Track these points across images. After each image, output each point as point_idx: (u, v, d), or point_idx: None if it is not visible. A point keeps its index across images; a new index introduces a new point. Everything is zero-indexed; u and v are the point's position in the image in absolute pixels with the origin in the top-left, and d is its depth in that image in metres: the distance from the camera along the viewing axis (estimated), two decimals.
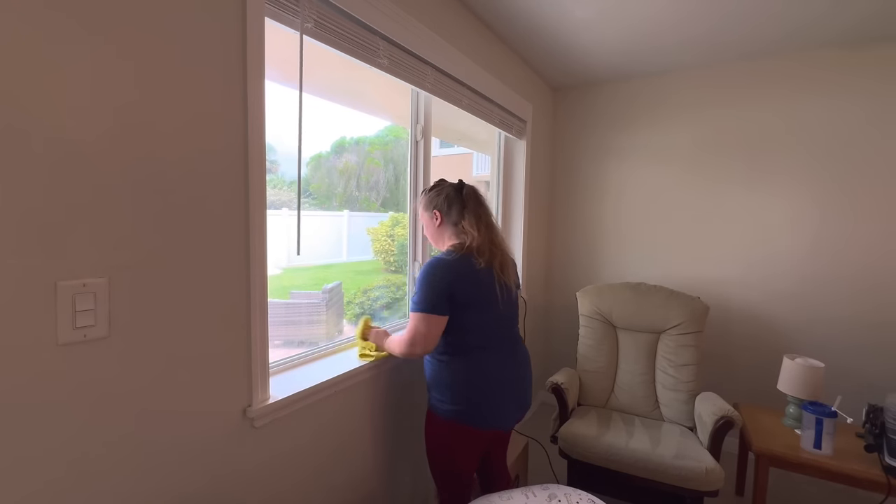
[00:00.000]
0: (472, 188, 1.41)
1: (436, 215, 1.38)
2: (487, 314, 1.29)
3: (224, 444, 1.01)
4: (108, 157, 0.78)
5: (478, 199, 1.39)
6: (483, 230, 1.33)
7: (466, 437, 1.28)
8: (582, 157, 2.93)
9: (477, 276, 1.26)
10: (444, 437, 1.29)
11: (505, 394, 1.30)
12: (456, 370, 1.27)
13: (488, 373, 1.27)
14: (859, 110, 2.17)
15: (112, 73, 0.77)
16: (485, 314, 1.28)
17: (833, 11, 1.86)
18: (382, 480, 1.54)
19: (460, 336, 1.26)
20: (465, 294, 1.23)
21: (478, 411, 1.26)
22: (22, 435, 0.71)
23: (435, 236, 1.42)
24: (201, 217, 0.93)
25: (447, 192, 1.39)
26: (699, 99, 2.53)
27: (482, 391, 1.26)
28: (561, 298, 3.03)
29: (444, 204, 1.37)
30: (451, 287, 1.22)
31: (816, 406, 1.68)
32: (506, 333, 1.35)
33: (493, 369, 1.28)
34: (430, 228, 1.42)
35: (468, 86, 1.90)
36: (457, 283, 1.23)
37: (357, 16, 1.28)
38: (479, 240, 1.30)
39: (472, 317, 1.25)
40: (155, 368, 0.87)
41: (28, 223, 0.70)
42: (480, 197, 1.40)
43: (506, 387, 1.31)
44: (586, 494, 1.16)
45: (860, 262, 2.19)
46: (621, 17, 1.95)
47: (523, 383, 1.37)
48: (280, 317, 1.50)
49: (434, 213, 1.39)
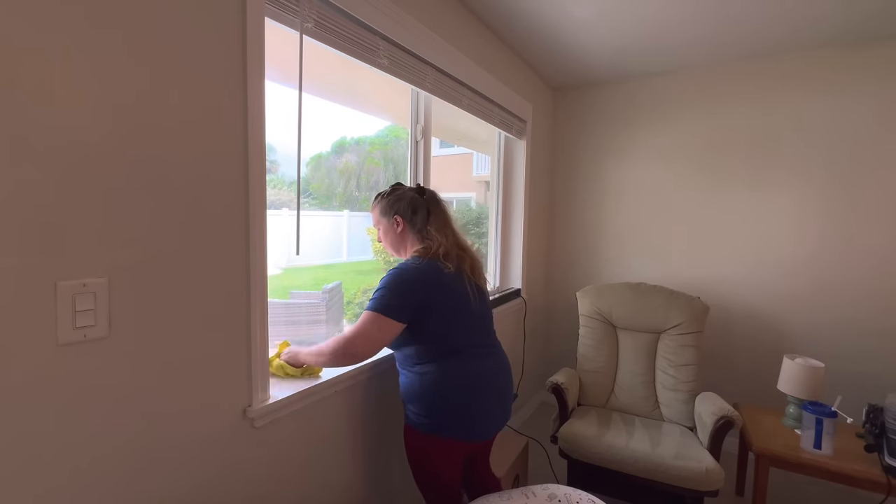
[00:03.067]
0: (433, 193, 1.36)
1: (397, 221, 1.31)
2: (463, 318, 1.24)
3: (224, 444, 1.01)
4: (108, 156, 0.78)
5: (440, 204, 1.34)
6: (450, 235, 1.30)
7: (449, 450, 1.21)
8: (582, 157, 2.93)
9: (447, 280, 1.21)
10: (426, 452, 1.23)
11: (488, 400, 1.24)
12: (434, 380, 1.19)
13: (470, 379, 1.21)
14: (863, 110, 2.16)
15: (112, 72, 0.77)
16: (460, 318, 1.23)
17: (835, 11, 1.86)
18: (382, 481, 1.54)
19: (437, 344, 1.20)
20: (438, 300, 1.19)
21: (461, 423, 1.20)
22: (22, 435, 0.71)
23: (395, 244, 1.34)
24: (201, 217, 0.93)
25: (410, 197, 1.32)
26: (700, 98, 2.53)
27: (464, 400, 1.19)
28: (561, 298, 3.03)
29: (408, 209, 1.30)
30: (422, 294, 1.17)
31: (816, 406, 1.68)
32: (483, 337, 1.30)
33: (474, 375, 1.22)
34: (390, 236, 1.34)
35: (468, 86, 1.90)
36: (429, 290, 1.18)
37: (357, 16, 1.28)
38: (446, 245, 1.26)
39: (446, 322, 1.20)
40: (155, 368, 0.87)
41: (28, 223, 0.70)
42: (442, 201, 1.36)
43: (489, 393, 1.24)
44: (586, 494, 1.16)
45: (862, 263, 2.19)
46: (620, 17, 1.95)
47: (506, 387, 1.32)
48: (280, 317, 1.50)
49: (395, 220, 1.31)
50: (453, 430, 1.20)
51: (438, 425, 1.19)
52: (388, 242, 1.36)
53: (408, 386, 1.24)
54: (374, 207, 1.38)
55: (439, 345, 1.20)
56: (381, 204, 1.35)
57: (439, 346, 1.20)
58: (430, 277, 1.19)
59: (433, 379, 1.19)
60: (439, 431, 1.19)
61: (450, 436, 1.19)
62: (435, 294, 1.19)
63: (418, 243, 1.29)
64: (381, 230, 1.36)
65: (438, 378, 1.19)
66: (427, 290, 1.18)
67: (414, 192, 1.34)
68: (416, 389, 1.21)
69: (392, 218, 1.32)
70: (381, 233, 1.37)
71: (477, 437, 1.24)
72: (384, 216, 1.34)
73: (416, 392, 1.21)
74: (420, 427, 1.21)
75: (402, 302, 1.15)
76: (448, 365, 1.20)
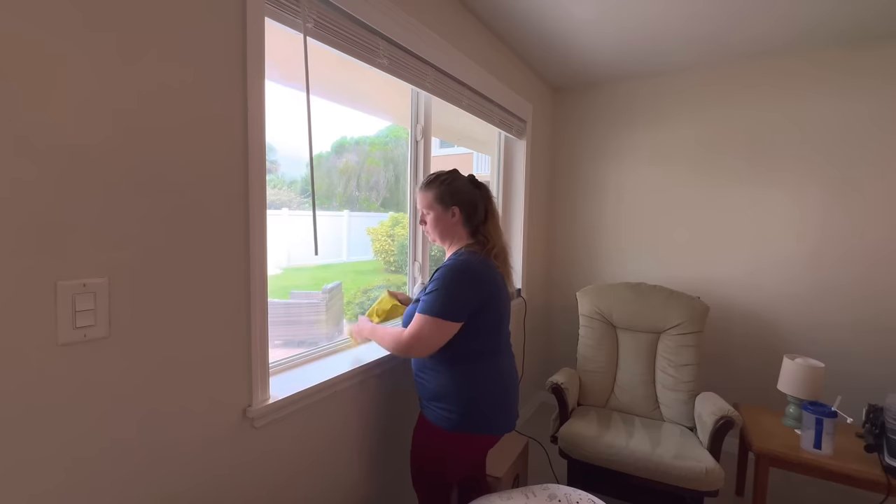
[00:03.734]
0: (487, 189, 1.35)
1: (454, 212, 1.28)
2: (506, 318, 1.29)
3: (224, 444, 1.01)
4: (109, 157, 0.78)
5: (494, 203, 1.35)
6: (501, 236, 1.32)
7: (473, 446, 1.24)
8: (582, 157, 2.93)
9: (499, 279, 1.25)
10: (448, 450, 1.23)
11: (512, 395, 1.29)
12: (476, 378, 1.20)
13: (503, 375, 1.26)
14: (864, 110, 2.16)
15: (112, 73, 0.77)
16: (501, 318, 1.27)
17: (837, 11, 1.86)
18: (382, 481, 1.54)
19: (486, 341, 1.22)
20: (491, 300, 1.20)
21: (495, 417, 1.22)
22: (22, 435, 0.71)
23: (444, 233, 1.30)
24: (201, 217, 0.93)
25: (469, 191, 1.30)
26: (701, 98, 2.53)
27: (498, 396, 1.23)
28: (561, 298, 3.03)
29: (468, 203, 1.29)
30: (480, 294, 1.18)
31: (816, 406, 1.68)
32: (508, 337, 1.35)
33: (506, 372, 1.27)
34: (443, 223, 1.29)
35: (468, 86, 1.90)
36: (488, 289, 1.20)
37: (357, 16, 1.28)
38: (498, 246, 1.28)
39: (496, 322, 1.23)
40: (155, 368, 0.87)
41: (28, 223, 0.70)
42: (494, 199, 1.37)
43: (514, 388, 1.30)
44: (586, 494, 1.16)
45: (862, 263, 2.19)
46: (620, 17, 1.95)
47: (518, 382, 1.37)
48: (280, 317, 1.50)
49: (452, 210, 1.27)
50: (486, 426, 1.22)
51: (475, 421, 1.19)
52: (437, 229, 1.30)
53: (442, 384, 1.21)
54: (426, 190, 1.31)
55: (486, 343, 1.22)
56: (438, 189, 1.28)
57: (485, 344, 1.22)
58: (487, 276, 1.21)
59: (476, 376, 1.20)
60: (473, 428, 1.19)
61: (480, 431, 1.21)
62: (493, 292, 1.21)
63: (468, 238, 1.29)
64: (433, 216, 1.30)
65: (480, 375, 1.21)
66: (487, 288, 1.19)
67: (471, 185, 1.31)
68: (452, 387, 1.20)
69: (449, 207, 1.27)
70: (432, 218, 1.30)
71: (504, 431, 1.26)
72: (439, 203, 1.28)
73: (452, 390, 1.20)
74: (449, 424, 1.19)
75: (462, 301, 1.15)
76: (488, 362, 1.22)
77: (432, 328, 1.14)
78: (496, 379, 1.24)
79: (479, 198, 1.31)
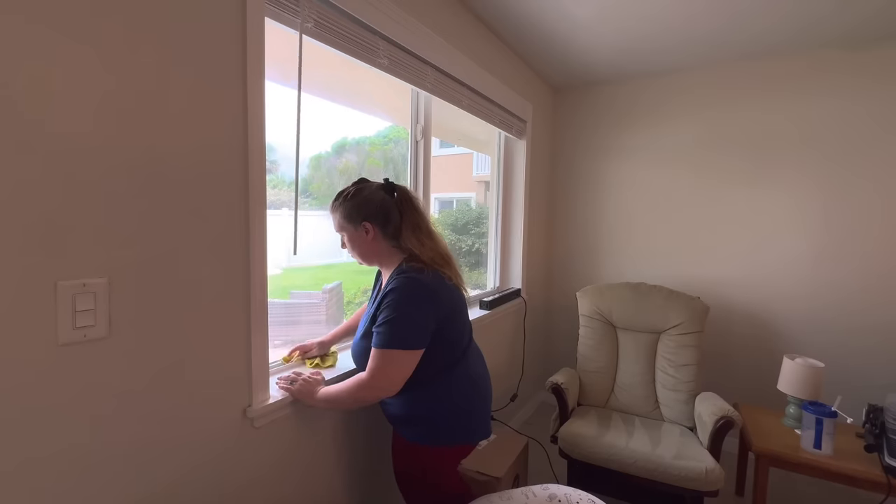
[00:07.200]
0: (404, 190, 1.18)
1: (366, 228, 1.13)
2: (465, 317, 1.21)
3: (224, 444, 1.01)
4: (109, 157, 0.78)
5: (414, 205, 1.17)
6: (427, 242, 1.15)
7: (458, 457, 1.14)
8: (582, 157, 2.93)
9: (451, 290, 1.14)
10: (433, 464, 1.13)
11: (488, 396, 1.24)
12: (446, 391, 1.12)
13: (476, 378, 1.19)
14: (864, 110, 2.16)
15: (112, 72, 0.77)
16: (463, 324, 1.20)
17: (838, 11, 1.85)
18: (386, 480, 1.54)
19: (450, 351, 1.14)
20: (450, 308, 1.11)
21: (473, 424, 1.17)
22: (22, 435, 0.71)
23: (366, 253, 1.17)
24: (201, 217, 0.93)
25: (380, 199, 1.14)
26: (701, 99, 2.53)
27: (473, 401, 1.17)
28: (561, 298, 3.03)
29: (379, 214, 1.13)
30: (439, 307, 1.08)
31: (816, 406, 1.68)
32: (471, 330, 1.26)
33: (475, 376, 1.20)
34: (360, 244, 1.15)
35: (468, 86, 1.90)
36: (444, 299, 1.09)
37: (357, 16, 1.28)
38: (427, 254, 1.13)
39: (457, 330, 1.16)
40: (155, 368, 0.87)
41: (28, 223, 0.70)
42: (415, 199, 1.18)
43: (487, 389, 1.24)
44: (586, 494, 1.16)
45: (862, 263, 2.19)
46: (620, 17, 1.95)
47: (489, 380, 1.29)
48: (280, 317, 1.50)
49: (364, 226, 1.13)
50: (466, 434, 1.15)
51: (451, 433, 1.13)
52: (355, 252, 1.18)
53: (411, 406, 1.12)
54: (333, 212, 1.18)
55: (453, 352, 1.14)
56: (342, 207, 1.15)
57: (454, 354, 1.14)
58: (438, 285, 1.10)
59: (446, 390, 1.12)
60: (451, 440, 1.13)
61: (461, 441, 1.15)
62: (450, 297, 1.13)
63: (396, 252, 1.16)
64: (347, 237, 1.17)
65: (449, 387, 1.13)
66: (444, 297, 1.10)
67: (383, 191, 1.16)
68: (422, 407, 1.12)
69: (359, 225, 1.13)
70: (347, 240, 1.17)
71: (480, 437, 1.19)
72: (349, 222, 1.14)
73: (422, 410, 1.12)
74: (428, 441, 1.12)
75: (421, 323, 1.05)
76: (457, 372, 1.15)
77: (395, 362, 1.03)
78: (467, 386, 1.16)
79: (391, 205, 1.14)
